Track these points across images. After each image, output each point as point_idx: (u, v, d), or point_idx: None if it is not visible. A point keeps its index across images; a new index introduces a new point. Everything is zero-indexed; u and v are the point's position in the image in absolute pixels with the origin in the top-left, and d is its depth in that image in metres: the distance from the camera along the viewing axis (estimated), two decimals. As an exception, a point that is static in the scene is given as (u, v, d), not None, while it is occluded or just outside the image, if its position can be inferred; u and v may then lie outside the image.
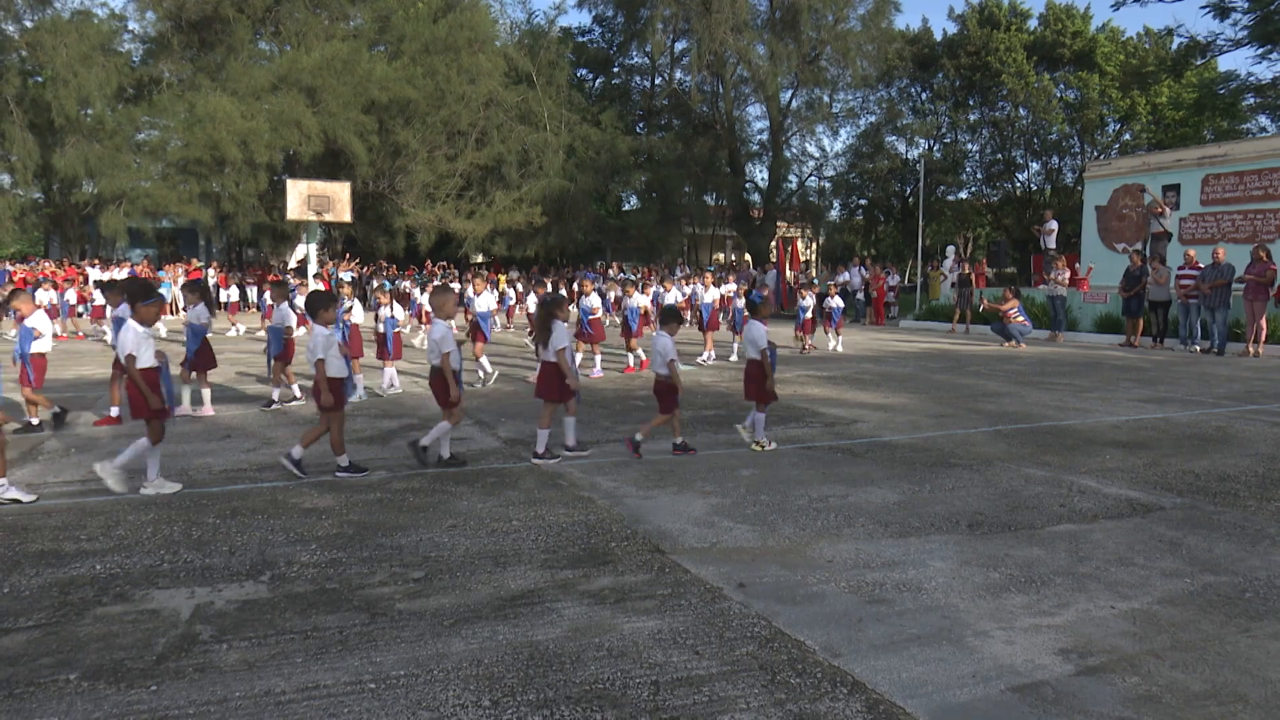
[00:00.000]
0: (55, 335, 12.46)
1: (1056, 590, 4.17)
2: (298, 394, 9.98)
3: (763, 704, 3.07)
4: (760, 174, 43.98)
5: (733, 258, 48.02)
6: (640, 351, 13.11)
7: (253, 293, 29.47)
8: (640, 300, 13.97)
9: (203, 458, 6.91)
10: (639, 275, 27.48)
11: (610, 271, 31.43)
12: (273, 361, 9.92)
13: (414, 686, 3.19)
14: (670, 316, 7.49)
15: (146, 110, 31.60)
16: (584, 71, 45.14)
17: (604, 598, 4.06)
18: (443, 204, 34.34)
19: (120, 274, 26.72)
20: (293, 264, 32.56)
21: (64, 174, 30.92)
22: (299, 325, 12.08)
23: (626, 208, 44.66)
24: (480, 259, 41.71)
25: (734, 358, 14.43)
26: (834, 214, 45.71)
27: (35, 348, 8.41)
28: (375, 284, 24.02)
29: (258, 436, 7.88)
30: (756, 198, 43.15)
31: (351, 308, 10.52)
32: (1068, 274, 19.84)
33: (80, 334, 20.09)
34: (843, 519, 5.35)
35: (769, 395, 7.29)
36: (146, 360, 5.92)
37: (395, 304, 11.35)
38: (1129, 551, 4.74)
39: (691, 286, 21.50)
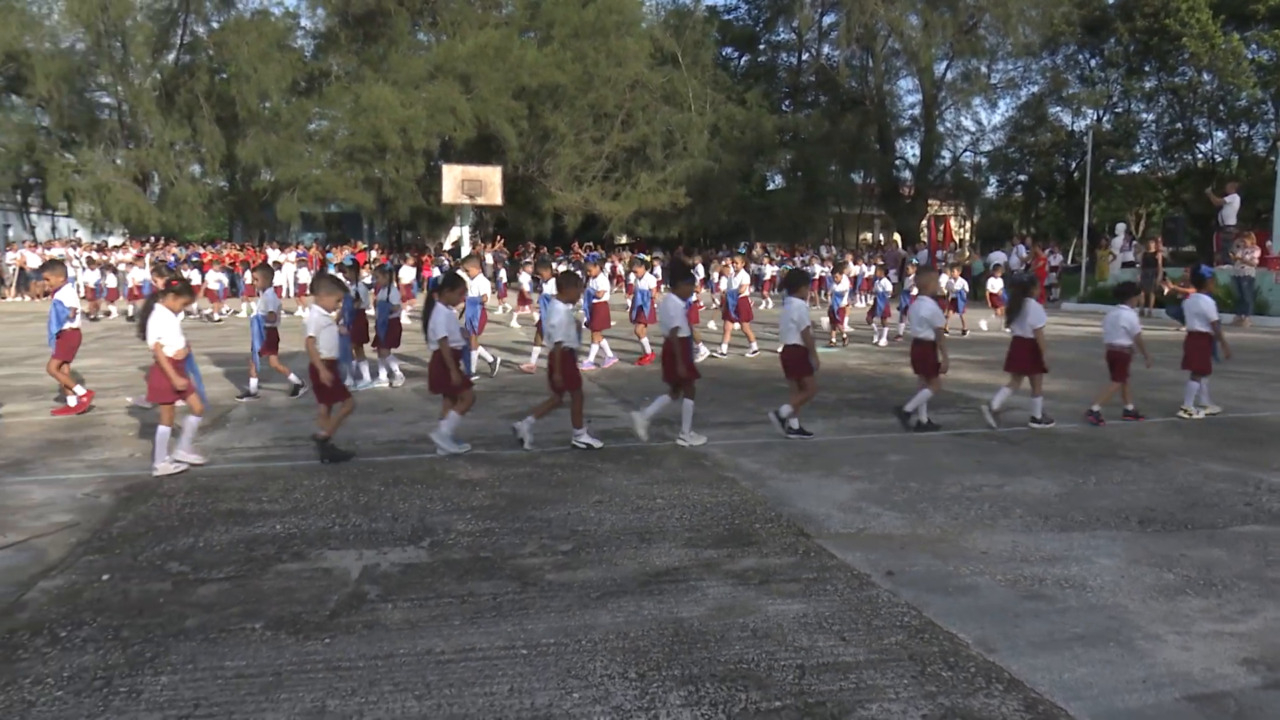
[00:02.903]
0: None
1: (1240, 595, 3.86)
2: (295, 380, 9.02)
3: (912, 695, 3.00)
4: (911, 150, 42.46)
5: (880, 238, 46.58)
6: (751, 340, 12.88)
7: (409, 273, 30.81)
8: (742, 279, 12.96)
9: (368, 429, 7.35)
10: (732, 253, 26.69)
11: (755, 251, 31.07)
12: (258, 352, 9.06)
13: (563, 655, 3.30)
14: (1127, 290, 8.28)
15: (317, 102, 33.90)
16: (729, 50, 44.70)
17: (748, 579, 4.05)
18: (589, 186, 34.96)
19: (290, 256, 28.67)
20: (447, 245, 34.02)
21: (245, 163, 33.65)
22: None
23: (771, 187, 44.02)
24: (624, 240, 42.23)
25: (902, 333, 14.02)
26: (990, 191, 43.50)
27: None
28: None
29: (416, 410, 8.31)
30: (907, 175, 41.66)
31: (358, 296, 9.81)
32: (1257, 253, 18.13)
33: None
34: (998, 509, 5.12)
35: (1209, 367, 7.90)
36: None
37: (393, 288, 10.54)
38: (1327, 557, 4.32)
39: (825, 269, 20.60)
